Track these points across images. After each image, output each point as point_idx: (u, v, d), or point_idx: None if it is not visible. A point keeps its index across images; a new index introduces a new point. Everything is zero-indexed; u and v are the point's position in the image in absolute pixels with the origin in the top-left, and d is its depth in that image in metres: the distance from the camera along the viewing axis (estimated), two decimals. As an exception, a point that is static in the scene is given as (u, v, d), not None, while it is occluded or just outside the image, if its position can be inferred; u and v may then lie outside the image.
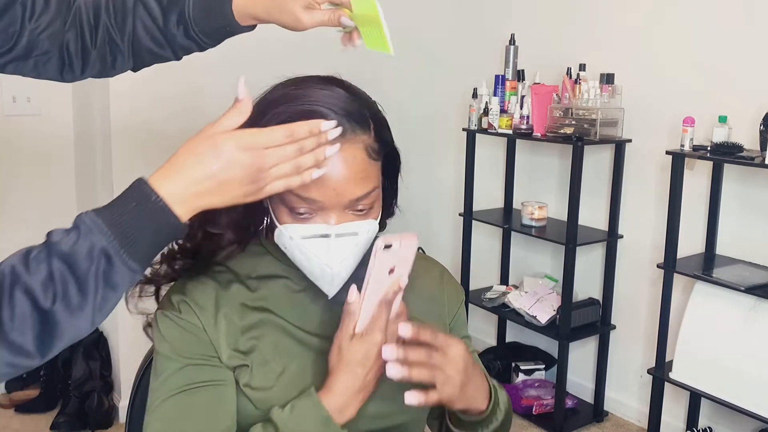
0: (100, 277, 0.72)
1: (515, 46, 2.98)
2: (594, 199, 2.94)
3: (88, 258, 0.71)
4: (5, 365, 0.71)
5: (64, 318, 0.72)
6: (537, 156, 3.18)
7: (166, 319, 0.97)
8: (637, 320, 2.86)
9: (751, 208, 2.48)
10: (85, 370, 2.78)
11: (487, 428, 0.99)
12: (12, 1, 1.00)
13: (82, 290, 0.71)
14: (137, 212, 0.74)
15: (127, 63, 1.10)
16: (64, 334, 0.73)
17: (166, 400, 0.94)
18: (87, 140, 2.84)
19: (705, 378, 2.37)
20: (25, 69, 1.06)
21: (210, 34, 1.05)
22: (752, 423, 2.44)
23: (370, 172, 0.92)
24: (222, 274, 1.01)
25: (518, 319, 2.96)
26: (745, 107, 2.40)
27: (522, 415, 2.92)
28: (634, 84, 2.73)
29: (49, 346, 0.72)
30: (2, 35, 1.00)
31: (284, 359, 0.97)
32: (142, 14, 1.05)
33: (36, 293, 0.70)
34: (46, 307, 0.70)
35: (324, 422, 0.90)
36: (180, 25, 1.03)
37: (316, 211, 0.91)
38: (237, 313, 0.97)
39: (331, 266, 0.92)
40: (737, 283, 2.23)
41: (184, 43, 1.06)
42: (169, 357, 0.96)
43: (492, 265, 3.40)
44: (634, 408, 2.92)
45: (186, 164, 0.76)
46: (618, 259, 2.86)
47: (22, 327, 0.70)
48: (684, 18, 2.60)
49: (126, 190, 0.76)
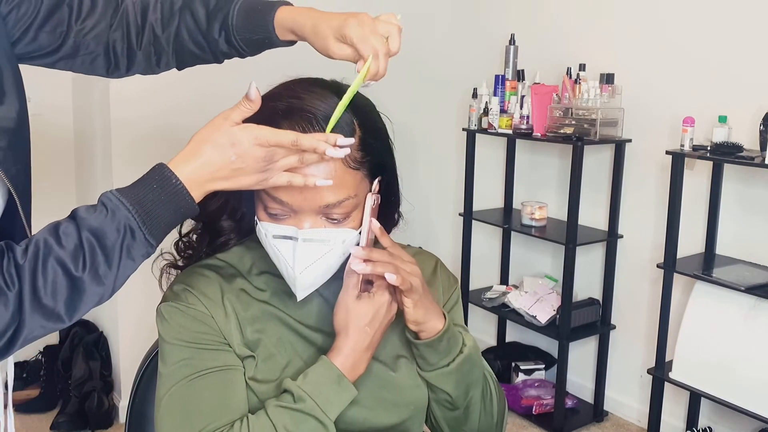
0: (124, 249, 0.80)
1: (515, 46, 2.98)
2: (594, 199, 2.94)
3: (115, 231, 0.79)
4: (39, 327, 0.79)
5: (91, 286, 0.80)
6: (537, 156, 3.18)
7: (173, 309, 0.97)
8: (637, 320, 2.86)
9: (751, 208, 2.48)
10: (85, 370, 2.78)
11: (449, 356, 1.00)
12: (60, 3, 1.06)
13: (108, 261, 0.80)
14: (158, 193, 0.81)
15: (171, 63, 1.14)
16: (89, 300, 0.81)
17: (179, 385, 0.94)
18: (87, 139, 2.85)
19: (705, 378, 2.37)
20: (75, 66, 1.12)
21: (250, 44, 1.07)
22: (752, 423, 2.44)
23: (344, 180, 0.91)
24: (223, 268, 1.02)
25: (518, 319, 2.96)
26: (745, 107, 2.40)
27: (522, 415, 2.92)
28: (634, 84, 2.73)
29: (75, 310, 0.81)
30: (51, 35, 1.06)
31: (288, 353, 0.98)
32: (188, 18, 1.08)
33: (67, 263, 0.78)
34: (77, 274, 0.79)
35: (337, 381, 0.93)
36: (222, 31, 1.07)
37: (289, 213, 0.92)
38: (241, 305, 0.98)
39: (294, 269, 0.92)
40: (737, 283, 2.23)
41: (224, 49, 1.09)
42: (178, 345, 0.95)
43: (492, 265, 3.40)
44: (634, 408, 2.92)
45: (204, 152, 0.83)
46: (618, 259, 2.86)
47: (54, 293, 0.78)
48: (684, 18, 2.59)
49: (147, 173, 0.83)
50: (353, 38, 0.91)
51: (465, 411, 1.04)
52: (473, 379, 1.03)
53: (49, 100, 2.78)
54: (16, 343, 0.79)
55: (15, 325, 0.78)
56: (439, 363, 1.00)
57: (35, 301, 0.78)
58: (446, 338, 0.98)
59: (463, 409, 1.03)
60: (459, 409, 1.03)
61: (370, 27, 0.91)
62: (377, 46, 0.90)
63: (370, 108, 0.98)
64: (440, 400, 1.03)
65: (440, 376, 1.00)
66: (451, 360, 1.00)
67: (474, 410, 1.04)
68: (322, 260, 0.93)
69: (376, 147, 0.96)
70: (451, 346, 1.00)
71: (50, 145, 2.87)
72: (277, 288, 1.01)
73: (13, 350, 0.80)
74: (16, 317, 0.77)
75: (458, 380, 1.01)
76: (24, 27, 1.03)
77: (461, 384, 1.01)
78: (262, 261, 1.02)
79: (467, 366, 1.01)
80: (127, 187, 0.83)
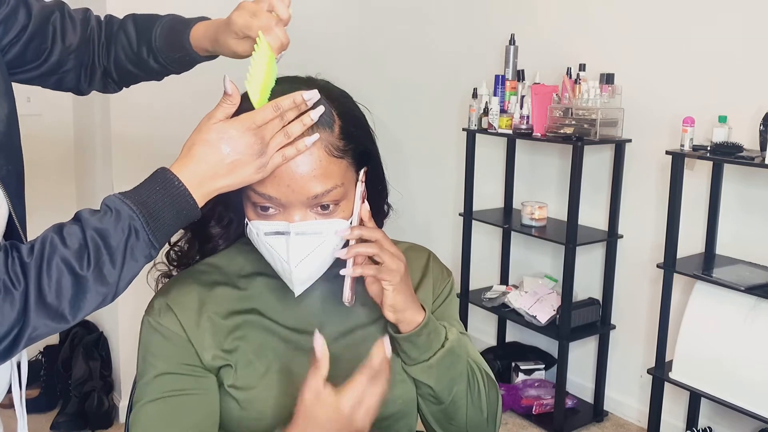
0: (128, 250, 0.81)
1: (515, 46, 2.98)
2: (594, 199, 2.94)
3: (119, 232, 0.80)
4: (43, 326, 0.80)
5: (95, 285, 0.80)
6: (537, 156, 3.18)
7: (148, 324, 0.98)
8: (637, 320, 2.86)
9: (751, 208, 2.48)
10: (85, 370, 2.78)
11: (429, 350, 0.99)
12: (46, 21, 1.11)
13: (112, 260, 0.80)
14: (162, 195, 0.82)
15: (120, 83, 1.22)
16: (93, 300, 0.81)
17: (146, 405, 0.95)
18: (87, 140, 2.85)
19: (705, 378, 2.37)
20: (49, 83, 1.18)
21: (173, 63, 1.14)
22: (752, 423, 2.45)
23: (329, 169, 0.91)
24: (208, 275, 1.02)
25: (518, 319, 2.96)
26: (745, 107, 2.40)
27: (522, 415, 2.92)
28: (634, 84, 2.73)
29: (79, 309, 0.81)
30: (35, 51, 1.11)
31: (268, 359, 0.98)
32: (123, 40, 1.15)
33: (72, 262, 0.78)
34: (81, 273, 0.79)
35: None
36: (150, 52, 1.13)
37: (278, 208, 0.92)
38: (222, 315, 0.98)
39: (289, 264, 0.92)
40: (737, 283, 2.23)
41: (156, 68, 1.15)
42: (150, 362, 0.97)
43: (492, 265, 3.40)
44: (634, 408, 2.92)
45: (198, 153, 0.84)
46: (618, 258, 2.86)
47: (58, 292, 0.79)
48: (684, 18, 2.59)
49: (149, 177, 0.84)
50: (242, 29, 0.96)
51: (451, 406, 1.03)
52: (456, 373, 1.02)
53: (50, 101, 2.78)
54: (21, 342, 0.79)
55: (20, 325, 0.78)
56: (420, 357, 0.99)
57: (40, 300, 0.78)
58: (426, 333, 0.98)
59: (449, 404, 1.03)
60: (444, 403, 1.02)
61: (249, 11, 0.96)
62: (265, 23, 0.93)
63: (347, 97, 0.99)
64: (424, 395, 1.02)
65: (422, 371, 0.99)
66: (432, 354, 0.99)
67: (460, 405, 1.03)
68: (316, 252, 0.93)
69: (357, 135, 0.96)
70: (431, 340, 0.99)
71: (50, 145, 2.87)
72: (264, 290, 1.01)
73: (17, 350, 0.80)
74: (21, 316, 0.77)
75: (440, 375, 1.00)
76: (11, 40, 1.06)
77: (443, 378, 1.00)
78: (252, 263, 1.02)
79: (449, 360, 1.00)
80: (130, 191, 0.84)
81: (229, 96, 0.86)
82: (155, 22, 1.13)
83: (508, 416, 2.95)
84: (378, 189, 1.04)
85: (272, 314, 1.00)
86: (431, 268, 1.11)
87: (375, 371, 0.88)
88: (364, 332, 1.04)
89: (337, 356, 1.01)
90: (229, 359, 0.96)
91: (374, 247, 0.94)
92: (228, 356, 0.97)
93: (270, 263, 0.96)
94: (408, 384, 1.03)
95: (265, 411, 0.96)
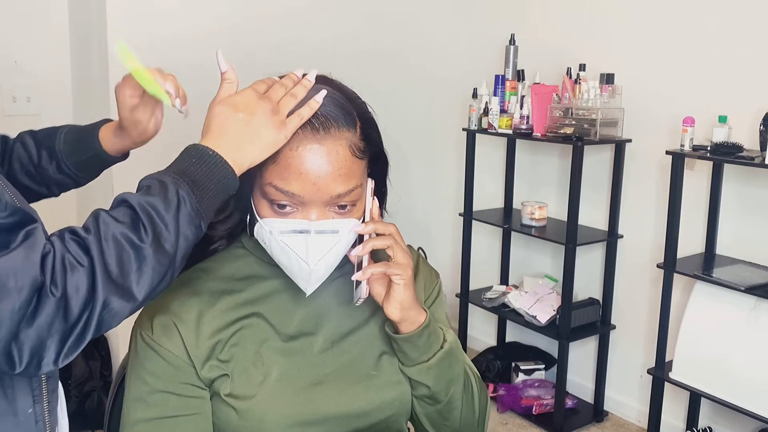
0: (180, 219, 0.78)
1: (515, 46, 2.98)
2: (594, 199, 2.94)
3: (168, 202, 0.78)
4: (115, 302, 0.76)
5: (155, 256, 0.77)
6: (537, 156, 3.18)
7: (140, 340, 0.97)
8: (637, 320, 2.86)
9: (751, 208, 2.48)
10: (85, 370, 2.78)
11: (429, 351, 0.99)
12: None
13: (168, 230, 0.77)
14: (199, 165, 0.81)
15: None
16: (156, 273, 0.77)
17: (138, 424, 0.95)
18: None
19: (705, 378, 2.37)
20: None
21: (80, 167, 1.14)
22: (752, 423, 2.45)
23: (352, 169, 0.91)
24: (205, 283, 1.00)
25: (518, 319, 2.96)
26: (745, 107, 2.40)
27: (522, 415, 2.92)
28: (634, 84, 2.73)
29: (144, 285, 0.77)
30: None
31: (265, 366, 0.97)
32: (20, 151, 1.13)
33: (130, 234, 0.76)
34: (141, 244, 0.76)
35: None
36: (52, 160, 1.12)
37: (297, 206, 0.91)
38: (220, 324, 0.97)
39: (308, 263, 0.91)
40: (737, 283, 2.24)
41: (56, 178, 1.14)
42: (144, 379, 0.96)
43: (492, 265, 3.40)
44: (634, 408, 2.92)
45: (216, 127, 0.85)
46: (618, 259, 2.86)
47: (121, 268, 0.75)
48: (684, 18, 2.60)
49: (181, 154, 0.83)
50: (131, 87, 1.03)
51: (446, 406, 1.03)
52: (454, 374, 1.02)
53: (50, 101, 2.78)
54: (93, 321, 0.76)
55: (92, 302, 0.75)
56: (420, 358, 0.99)
57: (106, 275, 0.74)
58: (426, 333, 0.98)
59: (444, 405, 1.03)
60: (440, 404, 1.03)
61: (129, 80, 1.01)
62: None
63: (361, 100, 0.99)
64: (421, 396, 1.02)
65: (421, 372, 1.00)
66: (432, 355, 0.99)
67: (455, 406, 1.04)
68: (333, 250, 0.93)
69: (373, 137, 0.97)
70: (431, 341, 0.99)
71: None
72: (258, 294, 1.00)
73: (88, 335, 0.77)
74: (91, 293, 0.74)
75: (438, 375, 1.00)
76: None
77: (442, 379, 1.01)
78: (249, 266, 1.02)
79: (447, 361, 1.01)
80: (166, 168, 0.82)
81: (226, 74, 0.89)
82: (57, 130, 1.14)
83: (508, 416, 2.95)
84: (381, 191, 1.04)
85: (268, 317, 0.99)
86: (421, 269, 1.12)
87: None
88: (361, 333, 1.03)
89: (336, 357, 1.01)
90: (225, 369, 0.95)
91: (389, 240, 0.94)
92: (224, 366, 0.95)
93: (283, 262, 0.94)
94: (404, 386, 1.03)
95: (264, 419, 0.95)
